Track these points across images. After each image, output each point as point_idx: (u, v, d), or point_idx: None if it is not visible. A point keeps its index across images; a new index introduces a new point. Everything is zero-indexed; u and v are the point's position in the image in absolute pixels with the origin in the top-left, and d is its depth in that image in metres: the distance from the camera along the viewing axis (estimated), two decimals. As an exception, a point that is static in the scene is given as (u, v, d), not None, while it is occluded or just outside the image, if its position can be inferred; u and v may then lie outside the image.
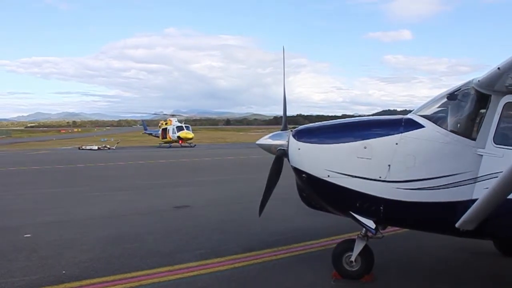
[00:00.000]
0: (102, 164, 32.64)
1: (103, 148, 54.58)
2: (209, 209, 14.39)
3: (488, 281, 8.01)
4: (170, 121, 62.29)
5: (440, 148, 6.77)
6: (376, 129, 7.27)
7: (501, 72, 5.58)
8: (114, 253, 9.34)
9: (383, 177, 6.85)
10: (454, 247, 9.50)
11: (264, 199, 8.00)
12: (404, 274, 8.16)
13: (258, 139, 8.21)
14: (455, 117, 7.25)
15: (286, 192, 9.31)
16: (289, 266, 8.53)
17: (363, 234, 7.59)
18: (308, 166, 7.31)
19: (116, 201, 16.09)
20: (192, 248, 9.64)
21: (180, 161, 35.13)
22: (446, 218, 6.63)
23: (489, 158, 6.37)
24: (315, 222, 11.42)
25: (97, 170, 28.81)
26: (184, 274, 8.09)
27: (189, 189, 19.07)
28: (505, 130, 6.53)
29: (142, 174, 26.17)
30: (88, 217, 13.18)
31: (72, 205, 15.50)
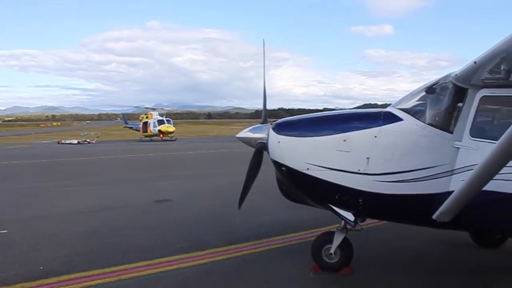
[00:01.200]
0: (82, 158, 32.26)
1: (83, 142, 53.92)
2: (189, 203, 14.35)
3: (465, 271, 8.15)
4: (151, 114, 61.83)
5: (418, 141, 6.84)
6: (355, 122, 7.31)
7: (477, 66, 5.65)
8: (94, 248, 9.27)
9: (362, 170, 6.90)
10: (432, 238, 9.64)
11: (243, 192, 8.01)
12: (383, 266, 8.24)
13: (238, 133, 8.21)
14: (433, 110, 7.33)
15: (267, 185, 9.32)
16: (269, 259, 8.56)
17: (342, 227, 7.65)
18: (288, 159, 7.32)
19: (96, 196, 15.91)
20: (172, 242, 9.60)
21: (161, 155, 34.89)
22: (424, 210, 6.70)
23: (466, 150, 6.45)
24: (295, 215, 11.46)
25: (77, 164, 28.45)
26: (164, 268, 8.07)
27: (170, 183, 18.96)
28: (481, 123, 6.63)
29: (123, 168, 25.94)
30: (68, 212, 13.02)
31: (51, 200, 15.30)
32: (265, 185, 9.10)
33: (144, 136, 60.46)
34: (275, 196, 8.79)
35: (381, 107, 7.87)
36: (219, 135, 72.85)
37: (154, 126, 59.04)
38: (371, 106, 9.52)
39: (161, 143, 54.20)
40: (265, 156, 7.89)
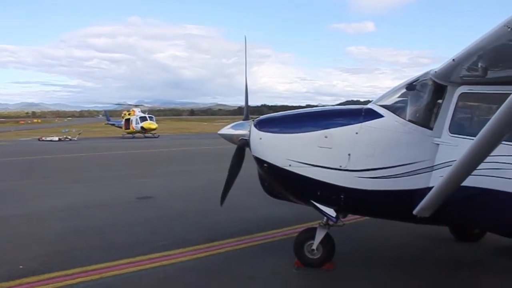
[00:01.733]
0: (63, 155, 31.87)
1: (64, 139, 53.25)
2: (172, 200, 14.30)
3: (445, 265, 8.27)
4: (133, 111, 61.43)
5: (399, 137, 6.91)
6: (336, 119, 7.37)
7: (456, 64, 5.71)
8: (75, 246, 9.17)
9: (343, 166, 6.96)
10: (413, 234, 9.74)
11: (225, 189, 8.02)
12: (365, 262, 8.31)
13: (220, 129, 8.20)
14: (414, 107, 7.41)
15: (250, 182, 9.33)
16: (252, 256, 8.59)
17: (324, 223, 7.71)
18: (270, 155, 7.35)
19: (78, 193, 15.75)
20: (154, 240, 9.55)
21: (143, 152, 34.71)
22: (404, 205, 6.78)
23: (445, 147, 6.53)
24: (278, 211, 11.50)
25: (58, 161, 28.13)
26: (145, 266, 8.02)
27: (152, 180, 18.87)
28: (460, 120, 6.73)
29: (105, 165, 25.74)
30: (48, 210, 12.88)
31: (31, 198, 15.09)
32: (248, 182, 9.11)
33: (126, 133, 60.07)
34: (258, 192, 8.80)
35: (363, 103, 7.93)
36: (202, 132, 72.68)
37: (136, 123, 58.68)
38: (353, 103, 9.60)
39: (143, 140, 53.89)
40: (247, 152, 7.89)
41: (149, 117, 60.08)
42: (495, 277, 7.72)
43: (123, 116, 64.02)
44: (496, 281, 7.54)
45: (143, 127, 58.03)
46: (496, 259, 8.59)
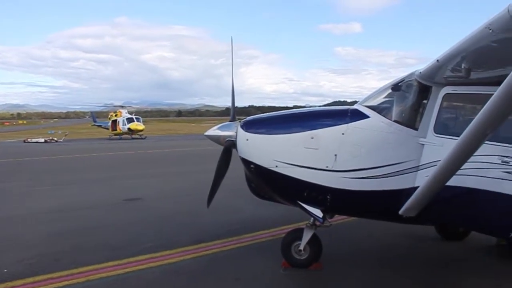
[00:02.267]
0: (49, 157, 31.57)
1: (50, 140, 52.78)
2: (159, 202, 14.23)
3: (431, 264, 8.34)
4: (120, 112, 61.13)
5: (384, 138, 6.95)
6: (323, 120, 7.39)
7: (440, 65, 5.77)
8: (61, 249, 9.10)
9: (330, 167, 6.98)
10: (400, 233, 9.81)
11: (212, 190, 8.00)
12: (352, 262, 8.36)
13: (207, 130, 8.19)
14: (399, 107, 7.46)
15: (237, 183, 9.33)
16: (239, 257, 8.59)
17: (311, 223, 7.74)
18: (256, 156, 7.35)
19: (65, 195, 15.63)
20: (141, 241, 9.51)
21: (130, 154, 34.52)
22: (390, 205, 6.82)
23: (430, 147, 6.58)
24: (265, 212, 11.51)
25: (44, 163, 27.88)
26: (133, 268, 7.99)
27: (140, 182, 18.76)
28: (444, 120, 6.78)
29: (92, 167, 25.54)
30: (35, 212, 12.76)
31: (17, 200, 14.97)
32: (235, 183, 9.11)
33: (113, 135, 59.75)
34: (245, 193, 8.80)
35: (350, 104, 7.97)
36: (189, 133, 72.47)
37: (123, 124, 58.40)
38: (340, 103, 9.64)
39: (130, 141, 53.64)
40: (234, 153, 7.89)
41: (136, 118, 59.82)
42: (480, 275, 7.82)
43: (109, 117, 63.68)
44: (481, 279, 7.63)
45: (130, 128, 57.78)
46: (481, 258, 8.67)
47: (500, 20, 3.63)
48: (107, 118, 66.07)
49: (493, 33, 3.91)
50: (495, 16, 3.72)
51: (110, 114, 64.39)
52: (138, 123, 59.03)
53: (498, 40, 4.05)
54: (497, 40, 4.05)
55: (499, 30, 3.80)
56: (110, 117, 63.10)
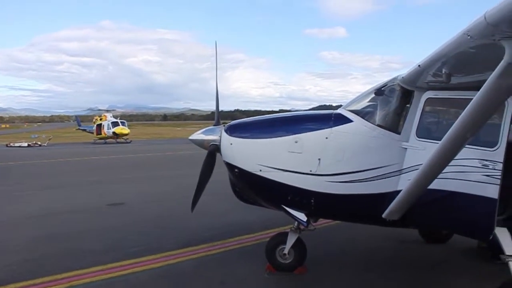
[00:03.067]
0: (33, 161, 31.22)
1: (33, 145, 52.18)
2: (144, 206, 14.18)
3: (414, 266, 8.45)
4: (105, 116, 60.65)
5: (368, 142, 7.01)
6: (306, 124, 7.42)
7: (421, 70, 5.84)
8: (44, 254, 9.02)
9: (313, 171, 7.01)
10: (384, 236, 9.92)
11: (196, 195, 7.99)
12: (337, 265, 8.41)
13: (191, 135, 8.19)
14: (382, 112, 7.52)
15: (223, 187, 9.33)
16: (224, 261, 8.59)
17: (295, 227, 7.78)
18: (240, 160, 7.37)
19: (48, 200, 15.49)
20: (126, 246, 9.48)
21: (115, 158, 34.27)
22: (374, 209, 6.86)
23: (412, 151, 6.64)
24: (250, 216, 11.54)
25: (28, 167, 27.55)
26: (117, 273, 7.96)
27: (124, 186, 18.69)
28: (426, 124, 6.85)
29: (76, 171, 25.30)
30: (18, 217, 12.61)
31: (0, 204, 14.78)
32: (220, 187, 9.12)
33: (98, 139, 59.24)
34: (230, 197, 8.81)
35: (336, 108, 8.03)
36: (175, 137, 72.14)
37: (108, 128, 57.93)
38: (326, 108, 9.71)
39: (115, 145, 53.22)
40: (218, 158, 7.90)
41: (121, 122, 59.39)
42: (462, 277, 7.92)
43: (94, 121, 63.15)
44: (463, 281, 7.75)
45: (115, 132, 57.35)
46: (463, 260, 8.79)
47: (478, 26, 3.70)
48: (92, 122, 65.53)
49: (471, 39, 3.97)
50: (473, 22, 3.79)
51: (95, 118, 63.85)
52: (123, 127, 58.62)
53: (476, 46, 4.12)
54: (475, 46, 4.13)
55: (476, 36, 3.86)
56: (95, 121, 62.58)
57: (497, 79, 4.11)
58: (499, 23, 3.42)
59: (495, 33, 3.61)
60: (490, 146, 5.91)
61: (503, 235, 6.18)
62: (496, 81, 4.14)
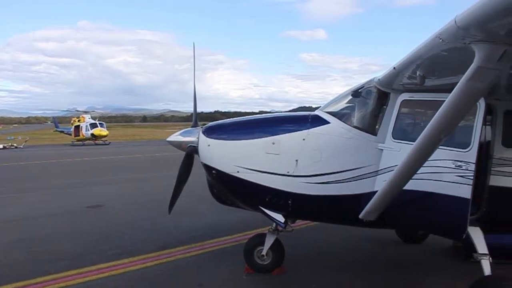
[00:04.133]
0: (9, 163, 30.69)
1: (9, 147, 51.24)
2: (122, 208, 14.08)
3: (391, 266, 8.56)
4: (83, 118, 59.95)
5: (344, 143, 7.06)
6: (284, 126, 7.45)
7: (397, 72, 5.91)
8: (19, 259, 8.90)
9: (291, 172, 7.04)
10: (362, 237, 10.01)
11: (174, 196, 7.96)
12: (315, 266, 8.46)
13: (169, 136, 8.16)
14: (359, 113, 7.59)
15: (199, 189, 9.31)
16: (202, 263, 8.58)
17: (273, 229, 7.81)
18: (218, 162, 7.36)
19: (24, 203, 15.22)
20: (103, 249, 9.40)
21: (94, 160, 33.90)
22: (351, 210, 6.90)
23: (388, 152, 6.71)
24: (229, 218, 11.55)
25: (3, 170, 27.05)
26: (94, 276, 7.90)
27: (102, 188, 18.51)
28: (402, 126, 6.92)
29: (53, 173, 24.95)
30: (-8, 221, 12.38)
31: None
32: (198, 188, 9.09)
33: (76, 140, 58.53)
34: (208, 199, 8.80)
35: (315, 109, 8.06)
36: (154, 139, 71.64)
37: (86, 130, 57.27)
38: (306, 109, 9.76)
39: (94, 147, 52.64)
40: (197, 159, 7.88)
41: (99, 124, 58.78)
42: (438, 276, 8.06)
43: (72, 123, 62.37)
44: (439, 280, 7.89)
45: (94, 134, 56.73)
46: (439, 259, 8.92)
47: (449, 30, 3.77)
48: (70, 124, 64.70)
49: (443, 42, 4.04)
50: (444, 26, 3.86)
51: (73, 119, 63.05)
52: (101, 128, 58.01)
53: (447, 49, 4.19)
54: (447, 49, 4.20)
55: (448, 39, 3.93)
56: (73, 122, 61.81)
57: (468, 81, 4.19)
58: (469, 27, 3.49)
59: (465, 36, 3.68)
60: (463, 147, 6.01)
61: (476, 234, 6.30)
62: (467, 84, 4.22)
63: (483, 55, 3.84)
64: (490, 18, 3.21)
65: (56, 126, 73.23)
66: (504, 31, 3.40)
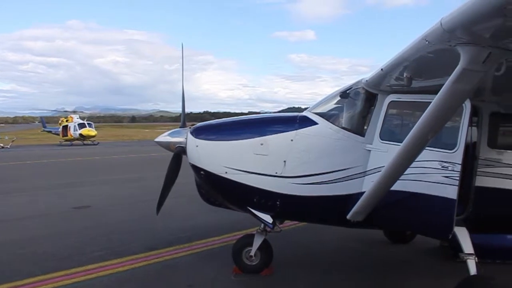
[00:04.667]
0: (-5, 164, 30.41)
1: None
2: (110, 209, 14.01)
3: (379, 266, 8.62)
4: (71, 118, 59.56)
5: (332, 144, 7.09)
6: (272, 126, 7.46)
7: (384, 73, 5.96)
8: (4, 260, 8.81)
9: (279, 173, 7.05)
10: (351, 237, 10.05)
11: (162, 197, 7.91)
12: (303, 266, 8.47)
13: (157, 137, 8.13)
14: (347, 114, 7.63)
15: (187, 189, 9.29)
16: (191, 264, 8.57)
17: (261, 229, 7.83)
18: (206, 163, 7.35)
19: (11, 204, 15.12)
20: (90, 250, 9.34)
21: (82, 160, 33.68)
22: (339, 210, 6.95)
23: (376, 153, 6.75)
24: (217, 218, 11.54)
25: (-11, 170, 26.81)
26: (81, 278, 7.84)
27: (90, 189, 18.38)
28: (389, 127, 6.97)
29: (41, 174, 24.75)
30: (-23, 222, 12.24)
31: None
32: (186, 189, 9.06)
33: (64, 140, 58.13)
34: (196, 200, 8.78)
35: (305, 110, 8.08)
36: (143, 139, 71.33)
37: (74, 130, 56.90)
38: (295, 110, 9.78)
39: (82, 147, 52.34)
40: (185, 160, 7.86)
41: (88, 124, 58.44)
42: (425, 276, 8.15)
43: (60, 122, 61.92)
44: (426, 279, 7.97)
45: (82, 134, 56.38)
46: (426, 259, 9.01)
47: (435, 32, 3.81)
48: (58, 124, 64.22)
49: (429, 44, 4.08)
50: (430, 28, 3.90)
51: (61, 119, 62.60)
52: (90, 128, 57.69)
53: (434, 51, 4.24)
54: (433, 51, 4.24)
55: (434, 41, 3.98)
56: (61, 122, 61.36)
57: (453, 83, 4.23)
58: (454, 29, 3.53)
59: (450, 39, 3.72)
60: (450, 148, 6.07)
61: (462, 234, 6.37)
62: (452, 86, 4.27)
63: (468, 57, 3.89)
64: (475, 20, 3.24)
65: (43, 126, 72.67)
66: (489, 33, 3.45)
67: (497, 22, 3.13)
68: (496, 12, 2.94)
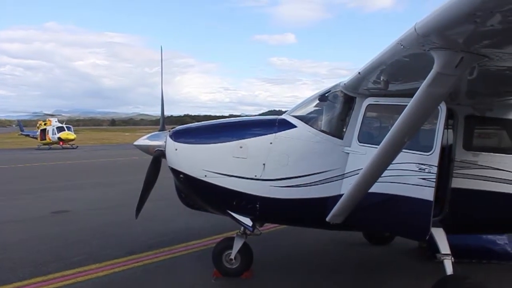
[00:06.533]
0: (-29, 169, 29.83)
1: (-28, 151, 49.91)
2: (89, 213, 13.86)
3: (359, 268, 8.68)
4: (49, 121, 58.73)
5: (311, 147, 7.13)
6: (251, 129, 7.48)
7: (362, 77, 6.02)
8: (-19, 266, 8.64)
9: (258, 176, 7.07)
10: (329, 240, 10.09)
11: (141, 201, 7.86)
12: (283, 269, 8.51)
13: (136, 140, 8.09)
14: (325, 117, 7.70)
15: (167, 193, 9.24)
16: (171, 268, 8.54)
17: (241, 232, 7.83)
18: (185, 166, 7.33)
19: (-13, 209, 14.83)
20: (69, 255, 9.22)
21: (60, 164, 33.22)
22: (318, 213, 6.98)
23: (354, 155, 6.80)
24: (198, 222, 11.50)
25: (-35, 175, 26.28)
26: (59, 283, 7.74)
27: (69, 193, 18.15)
28: (367, 130, 7.05)
29: (18, 178, 24.30)
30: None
31: None
32: (166, 193, 9.02)
33: (42, 144, 57.30)
34: (176, 203, 8.72)
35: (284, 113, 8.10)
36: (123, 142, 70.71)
37: (53, 133, 56.12)
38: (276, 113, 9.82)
39: (61, 151, 51.60)
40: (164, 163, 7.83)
41: (66, 127, 57.71)
42: (404, 276, 8.27)
43: (38, 126, 61.03)
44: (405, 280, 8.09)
45: (61, 137, 55.64)
46: (405, 260, 9.14)
47: (409, 36, 3.88)
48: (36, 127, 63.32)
49: (404, 48, 4.15)
50: (405, 33, 3.97)
51: (39, 123, 61.71)
52: (69, 132, 56.97)
53: (409, 55, 4.31)
54: (408, 55, 4.32)
55: (408, 45, 4.05)
56: (39, 126, 60.47)
57: (428, 87, 4.31)
58: (428, 34, 3.59)
59: (424, 43, 3.79)
60: (426, 150, 6.16)
61: (439, 235, 6.48)
62: (427, 89, 4.34)
63: (441, 61, 3.96)
64: (448, 25, 3.31)
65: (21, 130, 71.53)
66: (462, 38, 3.52)
67: (469, 27, 3.20)
68: (468, 17, 3.01)
